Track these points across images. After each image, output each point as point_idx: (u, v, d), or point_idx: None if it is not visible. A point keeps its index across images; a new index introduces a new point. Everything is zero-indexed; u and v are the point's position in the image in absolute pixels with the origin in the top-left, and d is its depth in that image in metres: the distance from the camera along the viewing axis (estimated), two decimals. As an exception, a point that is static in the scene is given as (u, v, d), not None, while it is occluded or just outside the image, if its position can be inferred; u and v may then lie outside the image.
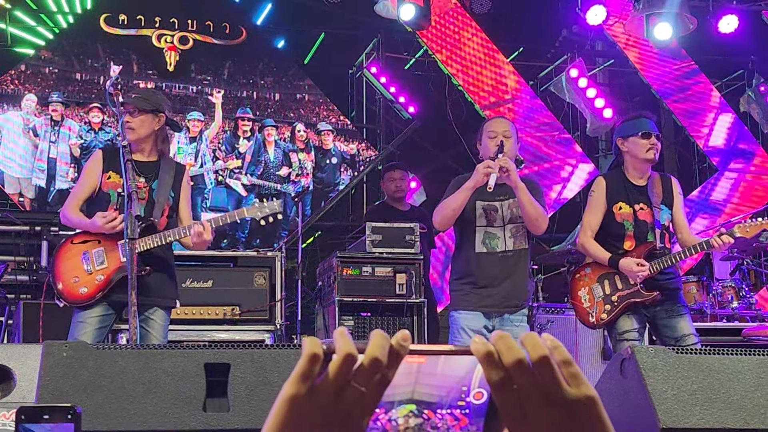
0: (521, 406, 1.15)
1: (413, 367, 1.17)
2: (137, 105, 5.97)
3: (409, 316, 8.27)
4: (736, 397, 3.75)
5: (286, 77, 13.71)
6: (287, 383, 1.13)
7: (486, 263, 6.17)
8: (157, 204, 6.00)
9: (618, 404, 3.85)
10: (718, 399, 3.72)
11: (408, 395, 1.18)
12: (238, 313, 7.93)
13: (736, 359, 3.89)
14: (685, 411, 3.64)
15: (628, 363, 3.79)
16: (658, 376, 3.70)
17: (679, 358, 3.80)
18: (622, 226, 6.38)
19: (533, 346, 1.14)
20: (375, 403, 1.14)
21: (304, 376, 1.13)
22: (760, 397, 3.78)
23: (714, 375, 3.79)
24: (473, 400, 1.21)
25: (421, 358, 1.17)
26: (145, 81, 12.76)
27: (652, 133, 6.37)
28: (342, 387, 1.13)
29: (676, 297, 6.34)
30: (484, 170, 5.91)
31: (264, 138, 13.22)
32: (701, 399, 3.69)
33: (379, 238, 8.34)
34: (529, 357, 1.14)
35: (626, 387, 3.81)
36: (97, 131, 12.41)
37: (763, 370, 3.87)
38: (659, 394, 3.64)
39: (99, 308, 5.86)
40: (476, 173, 5.97)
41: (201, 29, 13.13)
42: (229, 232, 12.73)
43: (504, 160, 5.97)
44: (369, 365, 1.12)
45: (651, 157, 6.38)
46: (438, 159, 14.08)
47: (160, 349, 3.53)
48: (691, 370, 3.78)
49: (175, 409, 3.36)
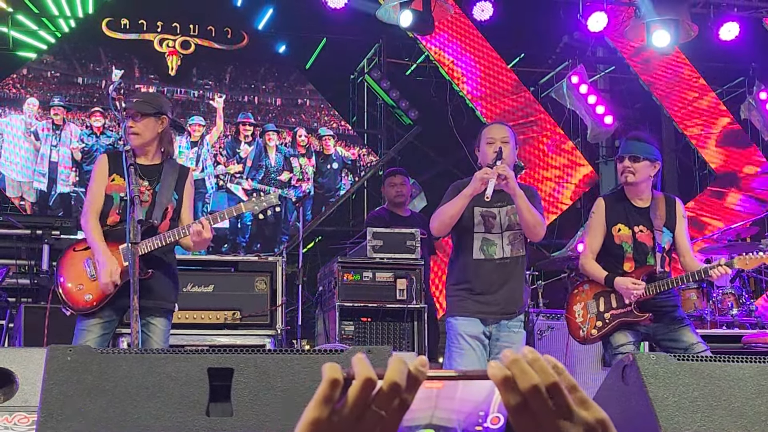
0: (538, 430, 1.18)
1: (432, 392, 1.20)
2: (139, 109, 5.98)
3: (410, 322, 8.28)
4: (737, 405, 3.76)
5: (288, 82, 13.72)
6: (309, 407, 1.17)
7: (484, 270, 6.18)
8: (159, 206, 6.00)
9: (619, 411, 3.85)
10: (719, 406, 3.73)
11: (427, 420, 1.21)
12: (238, 317, 7.94)
13: (737, 366, 3.90)
14: (686, 418, 3.65)
15: (630, 370, 3.80)
16: (659, 383, 3.71)
17: (681, 365, 3.81)
18: (621, 248, 6.41)
19: (543, 372, 1.18)
20: (395, 427, 1.17)
21: (325, 399, 1.16)
22: (761, 404, 3.79)
23: (715, 382, 3.80)
24: (490, 424, 1.23)
25: (439, 383, 1.20)
26: (146, 85, 12.77)
27: (625, 157, 6.39)
28: (362, 411, 1.16)
29: (674, 312, 6.37)
30: (481, 178, 5.93)
31: (265, 143, 13.23)
32: (702, 406, 3.70)
33: (380, 244, 8.35)
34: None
35: (627, 394, 3.82)
36: (98, 135, 12.42)
37: (764, 377, 3.88)
38: (660, 401, 3.65)
39: (101, 315, 5.87)
40: (474, 181, 5.99)
41: (203, 34, 13.14)
42: (229, 237, 12.75)
43: (502, 167, 5.98)
44: (388, 390, 1.15)
45: (624, 181, 6.41)
46: (439, 165, 14.11)
47: (164, 354, 3.54)
48: (692, 377, 3.79)
49: (179, 413, 3.38)
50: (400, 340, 8.25)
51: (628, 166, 6.36)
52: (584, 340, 6.52)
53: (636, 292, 6.19)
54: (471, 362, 6.04)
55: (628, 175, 6.36)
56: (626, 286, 6.23)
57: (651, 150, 6.43)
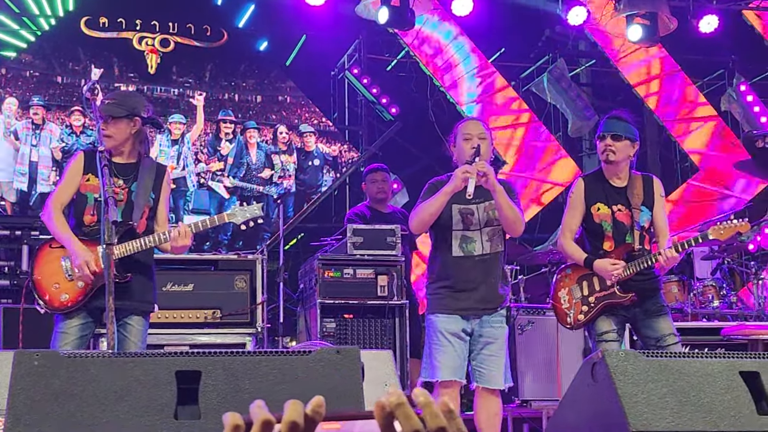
0: None
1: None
2: (110, 112, 5.95)
3: (391, 318, 8.30)
4: (706, 400, 3.76)
5: (268, 79, 13.70)
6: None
7: (463, 267, 6.18)
8: (137, 206, 5.99)
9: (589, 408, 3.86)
10: (688, 402, 3.73)
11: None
12: (219, 316, 7.93)
13: (706, 362, 3.91)
14: (656, 415, 3.66)
15: (599, 367, 3.81)
16: (628, 380, 3.72)
17: (650, 362, 3.82)
18: (601, 227, 6.41)
19: (432, 416, 1.19)
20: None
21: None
22: (730, 399, 3.80)
23: (684, 378, 3.81)
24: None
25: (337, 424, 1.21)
26: (126, 84, 12.73)
27: (607, 135, 6.40)
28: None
29: (654, 297, 6.36)
30: (462, 176, 5.92)
31: (246, 140, 13.21)
32: (671, 402, 3.71)
33: (361, 240, 8.36)
34: (427, 427, 1.19)
35: (597, 391, 3.82)
36: (78, 135, 12.38)
37: (732, 372, 3.89)
38: (629, 398, 3.66)
39: (79, 317, 5.84)
40: (455, 178, 5.97)
41: (182, 32, 13.10)
42: (211, 235, 12.72)
43: (482, 164, 5.98)
44: (287, 430, 1.15)
45: (605, 159, 6.41)
46: (420, 160, 14.09)
47: (132, 357, 3.53)
48: (661, 373, 3.79)
49: (147, 416, 3.37)
50: (382, 337, 8.26)
51: (609, 144, 6.35)
52: (572, 326, 6.52)
53: (616, 272, 6.20)
54: (451, 359, 6.04)
55: (609, 153, 6.35)
56: (605, 268, 6.23)
57: (631, 129, 6.44)
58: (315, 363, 3.58)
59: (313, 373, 3.56)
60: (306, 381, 3.53)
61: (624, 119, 6.47)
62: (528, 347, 8.78)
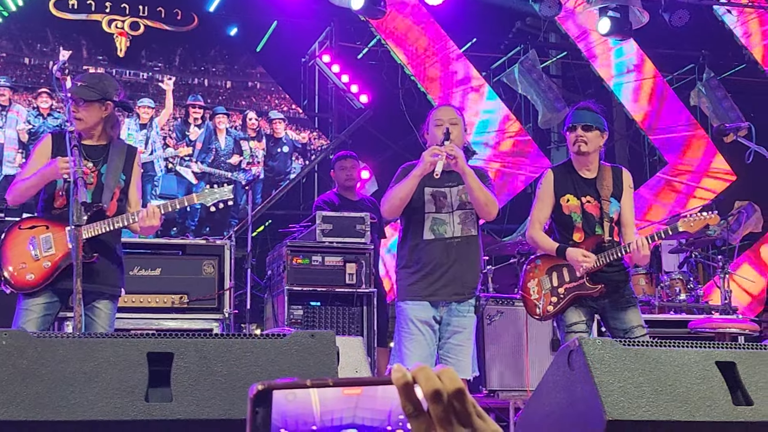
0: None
1: (352, 397, 1.20)
2: (82, 95, 5.89)
3: (359, 306, 8.27)
4: (681, 390, 3.75)
5: (238, 65, 13.64)
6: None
7: (435, 249, 6.15)
8: (107, 188, 5.94)
9: (565, 396, 3.85)
10: (664, 391, 3.72)
11: (349, 420, 1.20)
12: (186, 301, 7.87)
13: (682, 352, 3.90)
14: (632, 403, 3.65)
15: (576, 355, 3.79)
16: (605, 368, 3.70)
17: (626, 351, 3.80)
18: (571, 218, 6.40)
19: (451, 379, 1.22)
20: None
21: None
22: (705, 389, 3.80)
23: (660, 367, 3.80)
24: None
25: (358, 389, 1.21)
26: (94, 66, 12.60)
27: (578, 126, 6.39)
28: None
29: (623, 289, 6.36)
30: (430, 158, 5.90)
31: (215, 126, 13.14)
32: (647, 391, 3.70)
33: (330, 228, 8.32)
34: (445, 389, 1.21)
35: (573, 379, 3.81)
36: (45, 117, 12.26)
37: (708, 362, 3.89)
38: (606, 386, 3.64)
39: (44, 296, 5.80)
40: (422, 161, 5.96)
41: (152, 15, 12.99)
42: (178, 220, 12.65)
43: (450, 146, 5.96)
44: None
45: (577, 150, 6.39)
46: (390, 149, 14.06)
47: (102, 338, 3.48)
48: (637, 362, 3.78)
49: (117, 398, 3.32)
50: (350, 324, 8.23)
51: (581, 135, 6.34)
52: (541, 317, 6.50)
53: (586, 265, 6.19)
54: (421, 347, 6.02)
55: (581, 144, 6.34)
56: (577, 259, 6.22)
57: (601, 120, 6.43)
58: (289, 347, 3.54)
59: (287, 357, 3.52)
60: (280, 365, 3.49)
61: (593, 110, 6.46)
62: (496, 337, 8.76)
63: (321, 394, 1.20)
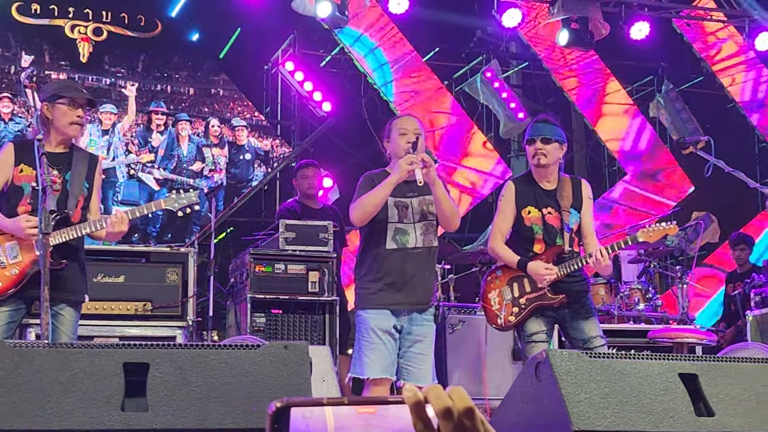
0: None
1: (364, 416, 1.25)
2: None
3: (321, 314, 8.31)
4: (646, 401, 3.83)
5: (201, 72, 13.62)
6: None
7: (397, 259, 6.14)
8: (72, 195, 5.94)
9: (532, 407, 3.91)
10: (629, 402, 3.80)
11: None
12: (149, 308, 7.87)
13: (647, 363, 3.98)
14: (597, 414, 3.71)
15: (543, 367, 3.85)
16: (571, 380, 3.77)
17: (592, 363, 3.87)
18: (532, 230, 6.46)
19: (461, 398, 1.26)
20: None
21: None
22: (669, 400, 3.87)
23: (625, 379, 3.88)
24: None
25: (372, 408, 1.25)
26: (57, 72, 12.56)
27: (536, 139, 6.47)
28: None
29: (583, 299, 6.44)
30: (408, 166, 5.88)
31: (177, 132, 13.11)
32: (613, 402, 3.77)
33: (293, 236, 8.35)
34: (455, 407, 1.26)
35: (540, 390, 3.87)
36: (6, 122, 12.20)
37: (671, 374, 3.96)
38: (572, 397, 3.71)
39: (11, 303, 5.80)
40: (399, 169, 5.89)
41: (115, 21, 12.96)
42: (140, 227, 12.62)
43: (424, 155, 5.98)
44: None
45: (536, 163, 6.47)
46: (352, 157, 14.09)
47: (79, 349, 3.51)
48: (603, 374, 3.85)
49: (93, 408, 3.34)
50: (312, 332, 8.27)
51: (540, 148, 6.41)
52: (502, 327, 6.56)
53: (548, 277, 6.27)
54: (382, 356, 6.03)
55: (540, 157, 6.41)
56: (539, 272, 6.29)
57: (560, 132, 6.52)
58: (263, 357, 3.58)
59: (261, 368, 3.56)
60: (254, 375, 3.53)
61: (551, 122, 6.55)
62: (457, 346, 8.83)
63: (336, 411, 1.25)
